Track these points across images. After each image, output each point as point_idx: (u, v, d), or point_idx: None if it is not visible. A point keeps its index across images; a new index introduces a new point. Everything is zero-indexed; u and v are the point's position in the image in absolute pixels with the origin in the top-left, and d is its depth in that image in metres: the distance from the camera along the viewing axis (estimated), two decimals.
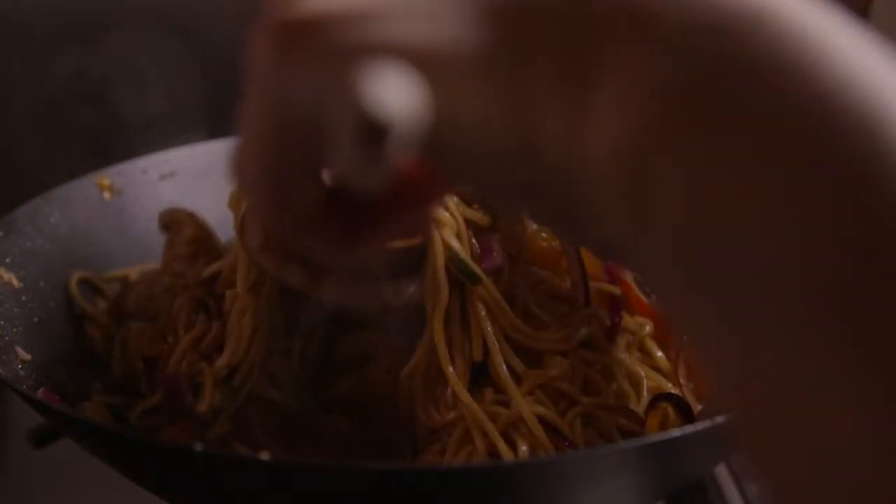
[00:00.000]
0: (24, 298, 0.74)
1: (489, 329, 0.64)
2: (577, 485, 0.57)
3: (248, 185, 0.39)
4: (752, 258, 0.29)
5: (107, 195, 0.83)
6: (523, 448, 0.61)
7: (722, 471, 0.79)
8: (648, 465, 0.59)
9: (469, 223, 0.65)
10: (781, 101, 0.30)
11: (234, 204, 0.69)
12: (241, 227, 0.67)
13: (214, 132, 0.89)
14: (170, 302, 0.74)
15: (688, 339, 0.33)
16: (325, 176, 0.39)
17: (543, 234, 0.72)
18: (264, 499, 0.60)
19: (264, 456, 0.64)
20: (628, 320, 0.73)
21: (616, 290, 0.73)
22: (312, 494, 0.58)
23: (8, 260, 0.74)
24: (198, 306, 0.72)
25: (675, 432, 0.63)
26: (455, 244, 0.64)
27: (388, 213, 0.40)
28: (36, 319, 0.74)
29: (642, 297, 0.75)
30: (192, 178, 0.85)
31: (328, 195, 0.39)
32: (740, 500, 0.77)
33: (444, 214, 0.64)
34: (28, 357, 0.70)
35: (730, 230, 0.30)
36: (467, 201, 0.66)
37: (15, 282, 0.73)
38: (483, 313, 0.64)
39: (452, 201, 0.65)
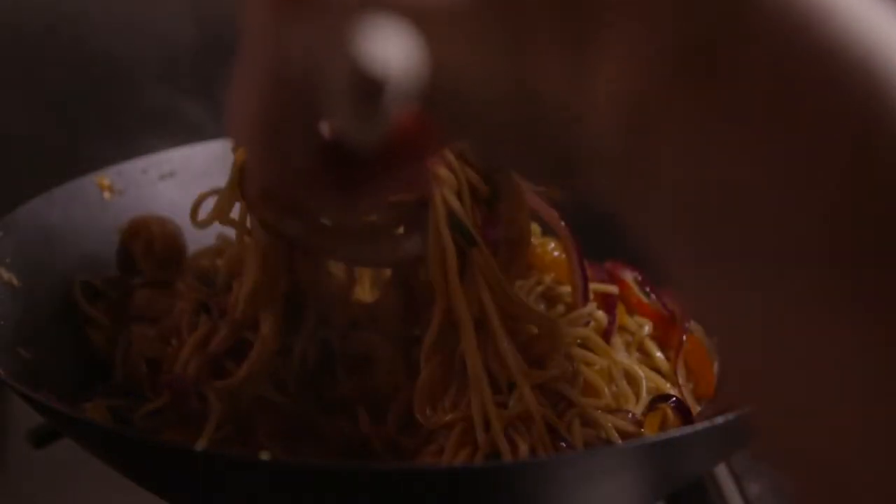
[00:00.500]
0: (24, 298, 0.74)
1: (487, 297, 0.63)
2: (577, 485, 0.57)
3: (246, 139, 0.39)
4: (755, 214, 0.29)
5: (107, 195, 0.83)
6: (523, 447, 0.61)
7: (722, 471, 0.79)
8: (648, 465, 0.59)
9: (472, 189, 0.64)
10: (788, 57, 0.30)
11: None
12: (239, 179, 0.67)
13: (214, 132, 0.89)
14: (170, 304, 0.74)
15: (689, 329, 0.33)
16: (323, 129, 0.39)
17: (551, 245, 0.73)
18: (264, 499, 0.60)
19: (264, 456, 0.64)
20: (628, 320, 0.73)
21: (611, 289, 0.73)
22: (312, 494, 0.58)
23: (8, 260, 0.74)
24: (199, 307, 0.72)
25: (675, 432, 0.63)
26: (455, 203, 0.63)
27: (385, 166, 0.40)
28: (36, 319, 0.74)
29: (642, 297, 0.75)
30: (192, 178, 0.85)
31: (325, 148, 0.39)
32: (740, 500, 0.77)
33: (445, 172, 0.63)
34: (28, 357, 0.70)
35: (733, 186, 0.30)
36: (470, 164, 0.64)
37: (15, 281, 0.73)
38: (481, 281, 0.63)
39: (454, 160, 0.63)
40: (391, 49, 0.33)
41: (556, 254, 0.73)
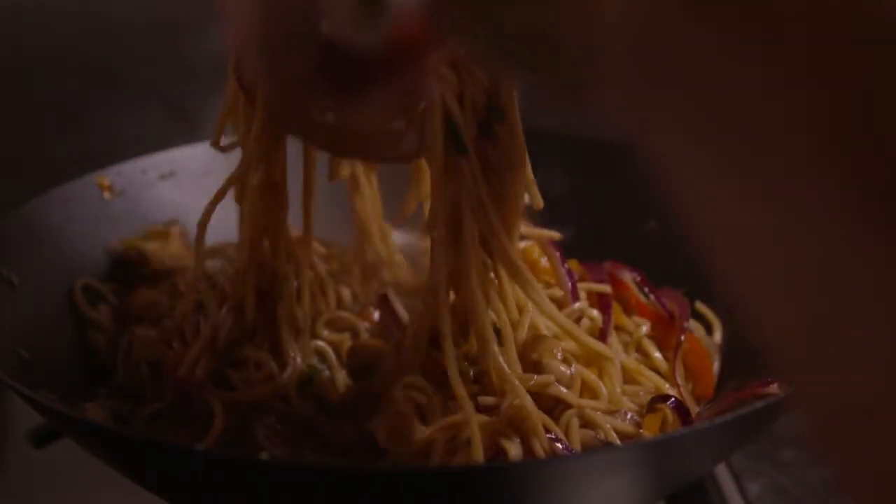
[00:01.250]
0: (24, 298, 0.74)
1: (468, 215, 0.62)
2: (576, 486, 0.57)
3: (245, 43, 0.39)
4: (771, 122, 0.29)
5: (107, 195, 0.83)
6: (514, 452, 0.61)
7: (722, 471, 0.79)
8: (647, 465, 0.59)
9: (473, 105, 0.62)
10: None
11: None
12: (236, 71, 0.65)
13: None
14: (171, 305, 0.74)
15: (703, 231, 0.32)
16: (323, 29, 0.39)
17: (537, 252, 0.72)
18: (264, 499, 0.60)
19: (264, 456, 0.64)
20: (625, 320, 0.73)
21: (605, 289, 0.72)
22: (312, 495, 0.58)
23: (8, 260, 0.74)
24: (199, 307, 0.72)
25: (674, 433, 0.63)
26: (454, 105, 0.61)
27: (385, 70, 0.39)
28: (37, 319, 0.74)
29: (641, 297, 0.75)
30: (192, 178, 0.85)
31: (325, 52, 0.39)
32: (740, 500, 0.77)
33: (448, 73, 0.61)
34: (28, 357, 0.70)
35: (751, 92, 0.29)
36: (474, 81, 0.62)
37: (15, 281, 0.73)
38: (465, 198, 0.62)
39: (461, 69, 0.61)
40: None
41: (543, 260, 0.72)
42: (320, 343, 0.72)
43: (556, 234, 0.73)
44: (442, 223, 0.62)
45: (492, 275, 0.64)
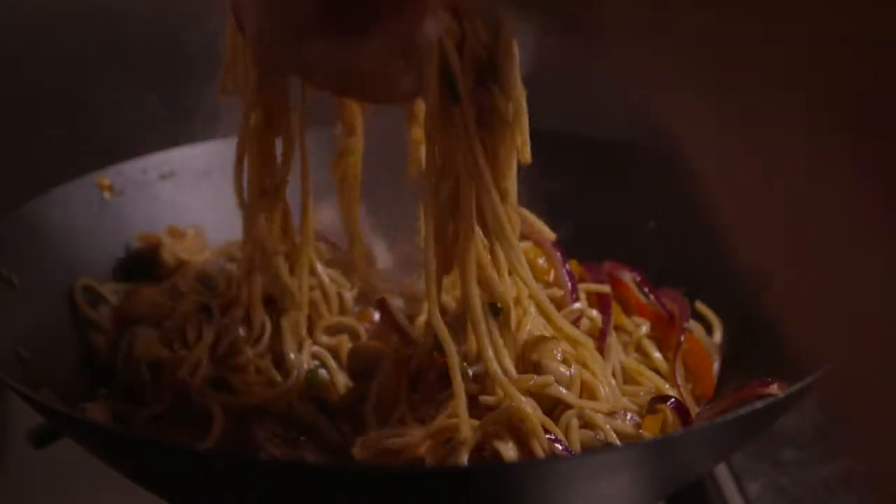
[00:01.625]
0: (24, 298, 0.74)
1: (463, 167, 0.61)
2: (576, 486, 0.57)
3: None
4: (772, 83, 0.28)
5: (107, 195, 0.83)
6: (510, 454, 0.60)
7: (722, 471, 0.79)
8: (647, 466, 0.59)
9: (473, 56, 0.61)
10: None
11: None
12: (235, 5, 0.63)
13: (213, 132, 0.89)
14: (172, 307, 0.74)
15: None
16: None
17: (534, 252, 0.72)
18: (264, 499, 0.60)
19: (264, 456, 0.64)
20: (625, 320, 0.73)
21: (605, 289, 0.72)
22: (312, 495, 0.58)
23: (8, 260, 0.74)
24: (200, 308, 0.72)
25: (674, 433, 0.63)
26: (451, 51, 0.59)
27: (385, 9, 0.39)
28: (37, 319, 0.74)
29: (640, 297, 0.75)
30: (192, 178, 0.85)
31: None
32: (740, 500, 0.77)
33: (450, 21, 0.59)
34: (28, 357, 0.70)
35: (752, 56, 0.28)
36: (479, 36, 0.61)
37: (15, 281, 0.73)
38: (457, 148, 0.61)
39: (465, 15, 0.60)
40: None
41: (540, 261, 0.72)
42: (319, 348, 0.72)
43: (551, 234, 0.73)
44: (438, 180, 0.62)
45: (489, 257, 0.64)
